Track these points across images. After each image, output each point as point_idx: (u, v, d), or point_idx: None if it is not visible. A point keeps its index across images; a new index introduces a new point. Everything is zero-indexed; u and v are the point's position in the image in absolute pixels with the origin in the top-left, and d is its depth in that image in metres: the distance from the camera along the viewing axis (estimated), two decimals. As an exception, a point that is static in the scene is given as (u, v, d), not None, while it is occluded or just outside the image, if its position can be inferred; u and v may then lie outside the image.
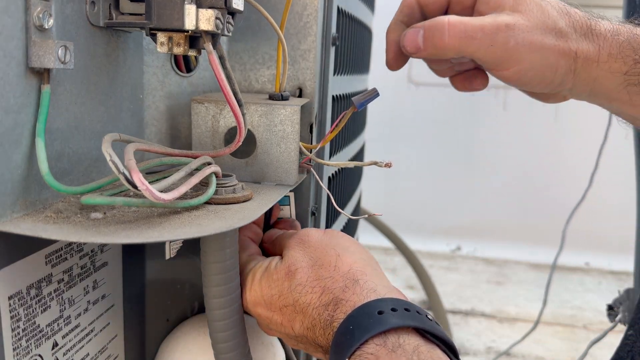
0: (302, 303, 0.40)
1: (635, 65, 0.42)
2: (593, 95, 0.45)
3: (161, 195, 0.35)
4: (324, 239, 0.43)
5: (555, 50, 0.42)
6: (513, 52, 0.42)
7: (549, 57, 0.42)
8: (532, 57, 0.42)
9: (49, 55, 0.34)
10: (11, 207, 0.34)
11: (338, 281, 0.39)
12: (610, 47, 0.43)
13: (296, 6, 0.52)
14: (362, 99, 0.48)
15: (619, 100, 0.43)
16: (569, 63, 0.43)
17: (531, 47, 0.42)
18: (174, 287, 0.58)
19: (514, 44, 0.41)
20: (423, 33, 0.43)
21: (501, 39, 0.41)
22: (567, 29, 0.43)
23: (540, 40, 0.42)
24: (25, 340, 0.39)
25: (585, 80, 0.44)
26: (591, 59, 0.43)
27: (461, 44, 0.42)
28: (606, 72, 0.43)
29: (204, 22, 0.38)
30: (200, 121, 0.48)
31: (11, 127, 0.34)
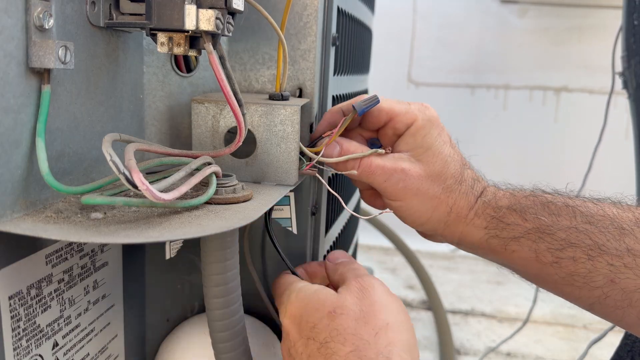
0: (328, 348, 0.39)
1: (492, 221, 0.49)
2: (461, 244, 0.52)
3: (161, 195, 0.35)
4: (384, 301, 0.43)
5: (435, 201, 0.50)
6: (400, 192, 0.50)
7: (427, 205, 0.50)
8: (413, 200, 0.50)
9: (49, 55, 0.34)
10: (11, 207, 0.34)
11: (372, 351, 0.38)
12: (477, 206, 0.50)
13: (296, 6, 0.52)
14: (364, 105, 0.48)
15: (483, 249, 0.50)
16: (443, 216, 0.51)
17: (415, 193, 0.50)
18: (174, 287, 0.58)
19: (402, 187, 0.50)
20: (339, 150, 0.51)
21: (394, 180, 0.50)
22: (453, 184, 0.51)
23: (425, 189, 0.50)
24: (26, 340, 0.39)
25: (454, 232, 0.51)
26: (462, 215, 0.50)
27: (362, 175, 0.50)
28: (472, 228, 0.50)
29: (204, 22, 0.38)
30: (200, 121, 0.48)
31: (11, 127, 0.34)
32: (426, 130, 0.51)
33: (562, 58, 1.80)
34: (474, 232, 0.50)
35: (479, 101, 1.86)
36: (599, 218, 0.46)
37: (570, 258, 0.45)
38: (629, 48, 0.98)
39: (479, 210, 0.50)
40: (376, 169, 0.50)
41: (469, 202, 0.50)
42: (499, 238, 0.49)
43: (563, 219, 0.47)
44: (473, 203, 0.50)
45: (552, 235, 0.46)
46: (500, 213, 0.49)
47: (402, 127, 0.51)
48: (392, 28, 1.82)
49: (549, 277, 0.47)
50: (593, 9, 1.74)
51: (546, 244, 0.46)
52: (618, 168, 1.57)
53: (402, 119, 0.51)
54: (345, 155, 0.50)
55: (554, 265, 0.46)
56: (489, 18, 1.82)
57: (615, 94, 1.18)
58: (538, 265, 0.47)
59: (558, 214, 0.47)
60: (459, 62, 1.85)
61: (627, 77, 1.00)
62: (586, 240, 0.45)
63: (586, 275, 0.45)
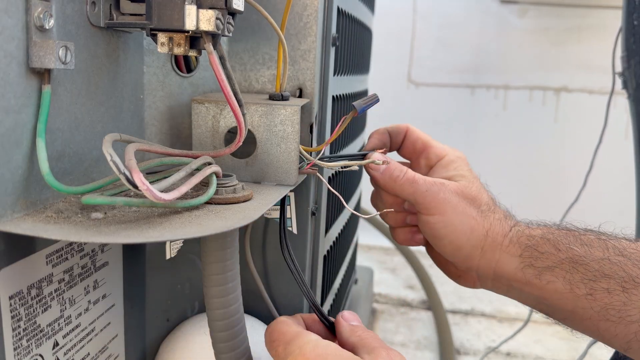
0: None
1: (526, 249, 0.49)
2: (497, 279, 0.51)
3: (162, 195, 0.35)
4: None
5: (473, 222, 0.50)
6: (440, 203, 0.50)
7: (466, 224, 0.50)
8: (452, 216, 0.50)
9: (49, 55, 0.34)
10: (12, 207, 0.34)
11: None
12: (512, 234, 0.51)
13: (296, 6, 0.52)
14: (364, 104, 0.49)
15: (518, 281, 0.50)
16: (480, 239, 0.50)
17: (454, 208, 0.50)
18: (174, 287, 0.58)
19: (442, 197, 0.50)
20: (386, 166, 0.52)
21: (435, 189, 0.50)
22: (488, 210, 0.52)
23: (463, 206, 0.51)
24: (26, 340, 0.39)
25: (489, 261, 0.51)
26: (497, 242, 0.50)
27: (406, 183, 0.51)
28: (507, 255, 0.50)
29: (205, 22, 0.38)
30: (200, 121, 0.48)
31: (12, 128, 0.34)
32: (457, 164, 0.54)
33: (562, 58, 1.80)
34: (509, 260, 0.50)
35: (479, 101, 1.86)
36: (631, 251, 0.46)
37: (604, 289, 0.45)
38: (629, 48, 0.98)
39: (513, 237, 0.50)
40: (419, 179, 0.51)
41: (503, 229, 0.51)
42: (533, 267, 0.48)
43: (596, 250, 0.47)
44: (507, 231, 0.51)
45: (585, 266, 0.46)
46: (534, 241, 0.49)
47: (433, 159, 0.55)
48: (392, 28, 1.82)
49: (584, 311, 0.46)
50: (593, 9, 1.74)
51: (580, 274, 0.46)
52: (618, 168, 1.57)
53: (435, 150, 0.55)
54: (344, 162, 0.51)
55: (588, 297, 0.46)
56: (489, 18, 1.82)
57: (614, 94, 1.18)
58: (572, 297, 0.46)
59: (590, 245, 0.47)
60: (459, 62, 1.85)
61: (627, 77, 1.00)
62: (620, 272, 0.45)
63: (621, 308, 0.44)
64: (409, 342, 1.33)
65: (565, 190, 1.48)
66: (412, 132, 0.58)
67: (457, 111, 1.87)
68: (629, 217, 1.15)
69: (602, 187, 1.57)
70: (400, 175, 0.51)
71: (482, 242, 0.50)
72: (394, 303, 1.54)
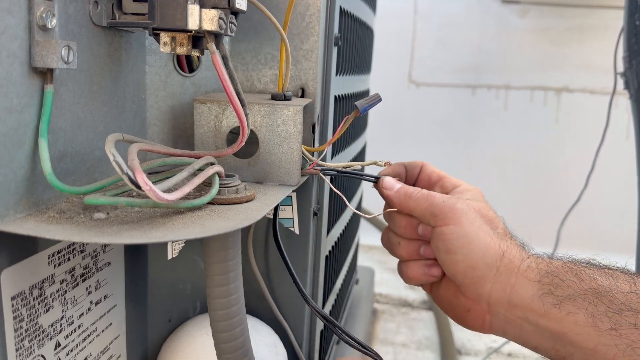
0: None
1: (546, 275, 0.46)
2: (511, 308, 0.47)
3: (164, 196, 0.35)
4: None
5: (489, 239, 0.48)
6: (457, 213, 0.48)
7: (482, 239, 0.47)
8: (469, 227, 0.48)
9: (52, 55, 0.34)
10: (14, 207, 0.34)
11: None
12: (530, 260, 0.47)
13: (299, 6, 0.51)
14: (366, 104, 0.48)
15: (535, 312, 0.45)
16: (495, 258, 0.47)
17: (471, 220, 0.48)
18: (176, 287, 0.57)
19: (460, 207, 0.48)
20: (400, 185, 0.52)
21: (452, 200, 0.49)
22: (504, 235, 0.49)
23: (480, 223, 0.48)
24: (28, 341, 0.39)
25: (504, 286, 0.47)
26: (514, 264, 0.47)
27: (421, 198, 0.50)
28: (524, 280, 0.46)
29: (207, 22, 0.38)
30: (202, 121, 0.48)
31: (14, 127, 0.34)
32: (473, 193, 0.53)
33: (563, 58, 1.80)
34: (526, 286, 0.46)
35: (480, 101, 1.86)
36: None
37: (631, 325, 0.41)
38: (631, 48, 0.98)
39: (532, 263, 0.47)
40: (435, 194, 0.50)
41: (521, 255, 0.48)
42: (553, 296, 0.45)
43: (622, 283, 0.44)
44: (525, 257, 0.48)
45: (610, 298, 0.43)
46: (554, 267, 0.46)
47: (449, 187, 0.53)
48: (392, 28, 1.82)
49: (607, 349, 0.42)
50: (594, 9, 1.74)
51: (604, 306, 0.43)
52: (618, 168, 1.57)
53: (451, 180, 0.54)
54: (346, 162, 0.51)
55: (613, 333, 0.42)
56: (489, 18, 1.82)
57: (616, 95, 1.18)
58: (595, 332, 0.43)
59: (616, 278, 0.44)
60: (459, 62, 1.85)
61: (629, 77, 1.00)
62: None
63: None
64: (410, 342, 1.33)
65: (567, 191, 1.48)
66: (427, 166, 0.57)
67: (458, 111, 1.87)
68: (630, 218, 1.15)
69: (603, 188, 1.57)
70: (414, 191, 0.50)
71: (498, 262, 0.47)
72: (395, 303, 1.54)
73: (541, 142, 1.85)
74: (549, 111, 1.84)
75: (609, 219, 1.74)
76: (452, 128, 1.88)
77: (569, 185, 1.47)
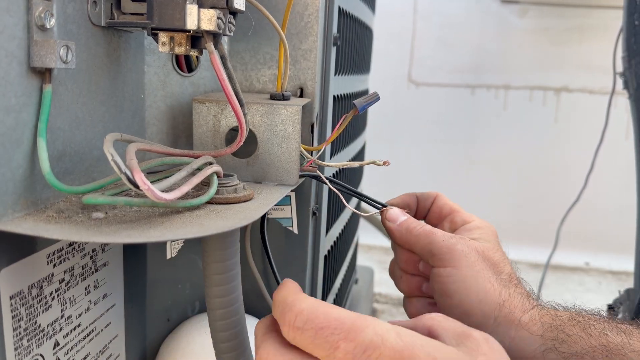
0: None
1: (550, 328, 0.42)
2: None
3: (163, 195, 0.35)
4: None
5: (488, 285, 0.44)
6: (455, 254, 0.45)
7: (480, 285, 0.44)
8: (467, 271, 0.45)
9: (50, 55, 0.34)
10: (13, 206, 0.34)
11: None
12: (533, 312, 0.44)
13: (297, 6, 0.51)
14: (364, 102, 0.48)
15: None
16: (493, 307, 0.44)
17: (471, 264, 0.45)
18: (175, 287, 0.58)
19: (459, 249, 0.46)
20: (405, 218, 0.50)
21: (452, 241, 0.46)
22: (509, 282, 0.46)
23: (480, 266, 0.45)
24: (27, 340, 0.39)
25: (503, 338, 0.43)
26: (514, 315, 0.44)
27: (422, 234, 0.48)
28: (525, 333, 0.43)
29: (206, 22, 0.38)
30: (201, 121, 0.48)
31: (13, 127, 0.34)
32: (483, 230, 0.50)
33: (563, 58, 1.80)
34: (528, 340, 0.42)
35: (479, 101, 1.86)
36: None
37: None
38: (630, 48, 0.98)
39: (534, 316, 0.43)
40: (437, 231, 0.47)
41: (524, 305, 0.44)
42: (557, 352, 0.41)
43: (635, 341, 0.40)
44: (529, 307, 0.44)
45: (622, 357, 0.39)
46: (559, 321, 0.43)
47: (459, 222, 0.51)
48: (392, 28, 1.82)
49: None
50: (594, 9, 1.74)
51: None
52: (618, 168, 1.57)
53: (462, 215, 0.51)
54: (345, 162, 0.50)
55: None
56: (489, 18, 1.82)
57: (615, 94, 1.18)
58: None
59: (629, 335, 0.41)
60: (459, 62, 1.85)
61: (628, 77, 1.00)
62: None
63: None
64: (409, 342, 1.33)
65: (566, 190, 1.48)
66: (441, 198, 0.54)
67: (458, 111, 1.87)
68: (629, 217, 1.15)
69: (603, 187, 1.57)
70: (417, 226, 0.48)
71: (496, 312, 0.44)
72: (394, 303, 1.54)
73: (540, 141, 1.85)
74: (548, 111, 1.84)
75: (608, 219, 1.74)
76: (452, 128, 1.88)
77: (569, 185, 1.47)
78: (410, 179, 1.86)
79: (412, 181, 1.90)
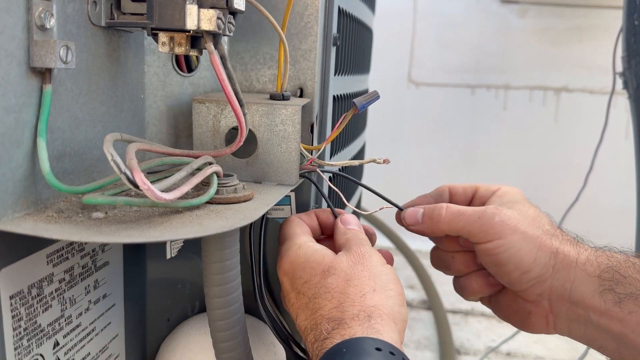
0: (316, 303, 0.40)
1: (606, 269, 0.43)
2: (573, 306, 0.45)
3: (163, 195, 0.35)
4: (377, 270, 0.42)
5: (537, 240, 0.45)
6: (497, 227, 0.45)
7: (530, 244, 0.45)
8: (513, 237, 0.45)
9: (50, 55, 0.34)
10: (12, 206, 0.34)
11: (355, 307, 0.39)
12: (588, 253, 0.45)
13: (297, 6, 0.52)
14: (364, 101, 0.48)
15: (596, 310, 0.43)
16: (549, 257, 0.45)
17: (513, 229, 0.45)
18: (174, 287, 0.58)
19: (498, 220, 0.46)
20: (423, 211, 0.49)
21: (488, 214, 0.46)
22: (553, 231, 0.46)
23: (524, 228, 0.46)
24: (27, 340, 0.39)
25: (564, 282, 0.45)
26: (570, 258, 0.45)
27: (452, 219, 0.47)
28: (583, 274, 0.44)
29: (206, 22, 0.38)
30: (201, 121, 0.48)
31: (13, 127, 0.34)
32: (511, 195, 0.50)
33: (563, 58, 1.80)
34: (586, 281, 0.43)
35: (479, 101, 1.86)
36: None
37: None
38: (630, 48, 0.98)
39: (590, 257, 0.44)
40: (465, 210, 0.47)
41: (576, 248, 0.45)
42: (614, 293, 0.42)
43: None
44: (582, 250, 0.45)
45: None
46: (614, 261, 0.43)
47: (487, 194, 0.51)
48: (392, 28, 1.82)
49: None
50: (593, 9, 1.74)
51: None
52: (618, 168, 1.57)
53: (487, 187, 0.51)
54: (345, 160, 0.50)
55: None
56: (489, 18, 1.82)
57: (615, 94, 1.18)
58: None
59: None
60: (459, 62, 1.85)
61: (628, 77, 1.00)
62: None
63: None
64: (409, 341, 1.33)
65: (566, 190, 1.48)
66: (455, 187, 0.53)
67: (457, 111, 1.87)
68: (629, 217, 1.15)
69: (602, 187, 1.57)
70: (441, 212, 0.48)
71: (553, 260, 0.45)
72: (394, 303, 1.53)
73: (540, 141, 1.85)
74: (548, 111, 1.84)
75: (608, 219, 1.74)
76: (452, 128, 1.88)
77: (568, 184, 1.47)
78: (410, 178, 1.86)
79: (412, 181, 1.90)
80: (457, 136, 1.89)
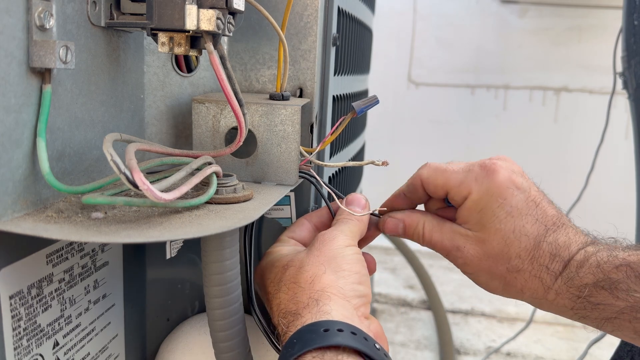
0: (277, 298, 0.42)
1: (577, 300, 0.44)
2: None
3: (162, 195, 0.35)
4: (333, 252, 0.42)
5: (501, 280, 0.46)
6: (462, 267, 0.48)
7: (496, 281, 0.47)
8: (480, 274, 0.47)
9: (50, 55, 0.34)
10: (12, 206, 0.34)
11: (305, 296, 0.40)
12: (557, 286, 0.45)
13: (297, 6, 0.52)
14: (363, 105, 0.48)
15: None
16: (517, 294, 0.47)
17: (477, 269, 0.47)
18: (174, 287, 0.58)
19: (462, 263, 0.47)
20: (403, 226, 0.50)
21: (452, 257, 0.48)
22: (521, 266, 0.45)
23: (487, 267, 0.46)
24: (26, 340, 0.39)
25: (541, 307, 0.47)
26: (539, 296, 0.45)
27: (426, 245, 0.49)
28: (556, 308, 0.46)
29: (205, 22, 0.38)
30: (201, 121, 0.48)
31: (12, 127, 0.34)
32: (482, 204, 0.46)
33: (562, 58, 1.80)
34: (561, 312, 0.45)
35: (479, 101, 1.86)
36: None
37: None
38: (629, 48, 0.98)
39: (560, 290, 0.44)
40: (436, 244, 0.48)
41: (543, 284, 0.45)
42: (590, 319, 0.44)
43: None
44: (550, 283, 0.44)
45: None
46: (585, 292, 0.43)
47: (459, 200, 0.47)
48: (392, 28, 1.82)
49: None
50: (593, 9, 1.74)
51: None
52: (618, 168, 1.57)
53: (457, 191, 0.47)
54: (343, 162, 0.50)
55: None
56: (489, 18, 1.82)
57: (615, 94, 1.18)
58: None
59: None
60: (459, 62, 1.85)
61: (627, 77, 1.00)
62: None
63: None
64: (409, 341, 1.33)
65: (567, 190, 1.48)
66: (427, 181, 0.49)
67: (457, 111, 1.87)
68: (629, 217, 1.15)
69: (603, 187, 1.57)
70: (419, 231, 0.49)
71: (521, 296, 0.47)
72: (394, 303, 1.54)
73: (540, 142, 1.85)
74: (548, 111, 1.84)
75: (608, 219, 1.74)
76: (451, 128, 1.88)
77: (569, 184, 1.47)
78: (410, 179, 1.86)
79: (412, 181, 1.90)
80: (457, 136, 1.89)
